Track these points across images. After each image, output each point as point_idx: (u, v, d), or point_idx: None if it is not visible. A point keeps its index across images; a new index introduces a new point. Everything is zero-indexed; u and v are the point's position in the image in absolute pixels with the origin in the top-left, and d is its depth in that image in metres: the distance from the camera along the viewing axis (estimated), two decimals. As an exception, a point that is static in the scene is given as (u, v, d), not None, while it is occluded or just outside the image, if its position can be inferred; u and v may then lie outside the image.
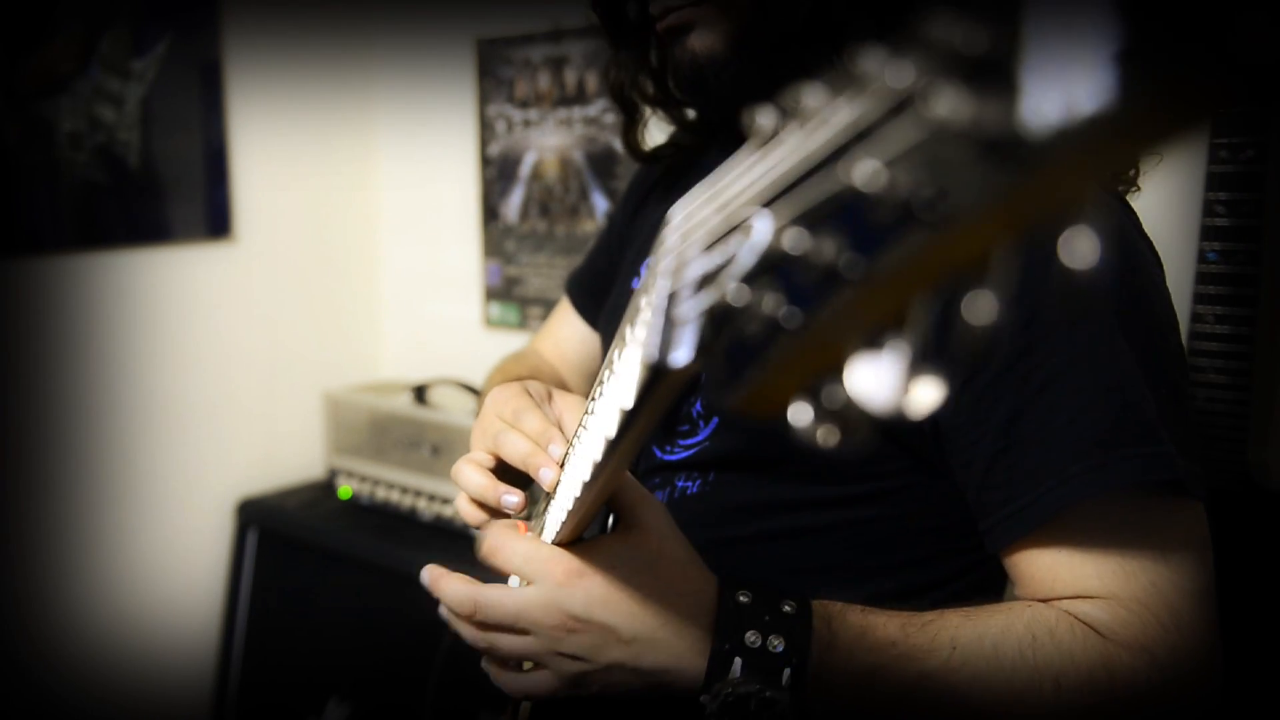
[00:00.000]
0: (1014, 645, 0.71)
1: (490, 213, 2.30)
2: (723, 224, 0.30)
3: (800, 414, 0.26)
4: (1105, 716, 0.72)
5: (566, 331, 1.26)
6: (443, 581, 0.76)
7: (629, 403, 0.38)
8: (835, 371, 0.25)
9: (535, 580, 0.70)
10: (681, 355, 0.30)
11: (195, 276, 2.17)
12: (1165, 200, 1.42)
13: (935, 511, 0.84)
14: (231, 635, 2.23)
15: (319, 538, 2.12)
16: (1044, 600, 0.76)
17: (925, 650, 0.71)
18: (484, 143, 2.28)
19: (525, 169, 2.23)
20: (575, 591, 0.69)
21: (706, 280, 0.29)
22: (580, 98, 2.11)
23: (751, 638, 0.67)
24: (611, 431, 0.43)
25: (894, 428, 0.80)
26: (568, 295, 1.28)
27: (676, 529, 0.73)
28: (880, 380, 0.24)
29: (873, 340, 0.25)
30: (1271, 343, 1.45)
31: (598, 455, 0.49)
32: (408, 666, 1.96)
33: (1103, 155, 0.20)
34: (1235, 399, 1.35)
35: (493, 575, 0.75)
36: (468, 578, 0.75)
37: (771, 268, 0.25)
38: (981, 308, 0.23)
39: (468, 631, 0.75)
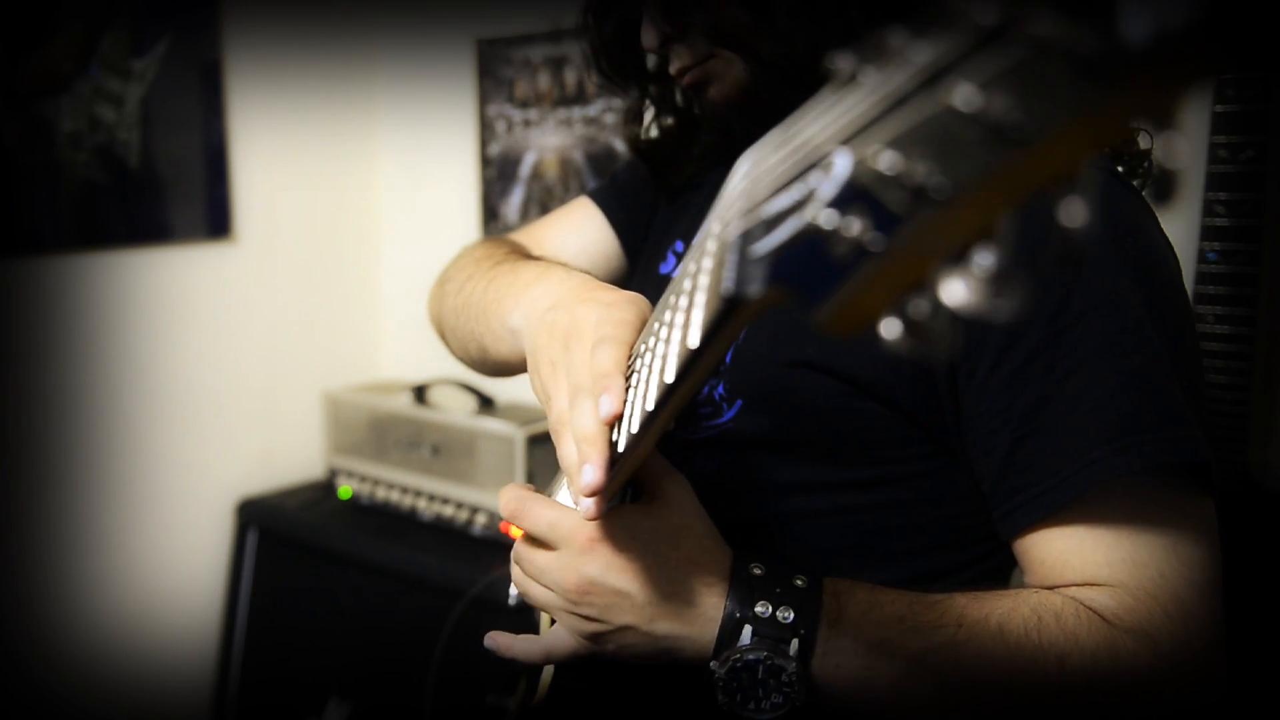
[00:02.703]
0: (1019, 625, 0.72)
1: (490, 213, 2.31)
2: (799, 163, 0.31)
3: (890, 328, 0.28)
4: (1107, 697, 0.74)
5: (586, 236, 1.15)
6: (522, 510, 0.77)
7: (695, 341, 0.39)
8: (923, 286, 0.27)
9: (559, 545, 0.74)
10: (756, 287, 0.31)
11: (195, 276, 2.17)
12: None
13: (949, 499, 0.85)
14: (231, 635, 2.22)
15: (319, 538, 2.12)
16: (1051, 588, 0.77)
17: (931, 626, 0.72)
18: (484, 143, 2.29)
19: (525, 169, 2.24)
20: (595, 558, 0.72)
21: (782, 216, 0.31)
22: (580, 98, 2.12)
23: (762, 608, 0.71)
24: (671, 375, 0.44)
25: (916, 412, 0.81)
26: (596, 201, 1.16)
27: (699, 504, 0.76)
28: (968, 290, 0.26)
29: (961, 254, 0.26)
30: (1271, 343, 1.46)
31: (650, 404, 0.50)
32: (408, 666, 1.96)
33: (1192, 65, 0.22)
34: (1235, 399, 1.37)
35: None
36: (521, 534, 0.79)
37: (861, 192, 0.27)
38: (1075, 211, 0.24)
39: (514, 570, 0.81)
